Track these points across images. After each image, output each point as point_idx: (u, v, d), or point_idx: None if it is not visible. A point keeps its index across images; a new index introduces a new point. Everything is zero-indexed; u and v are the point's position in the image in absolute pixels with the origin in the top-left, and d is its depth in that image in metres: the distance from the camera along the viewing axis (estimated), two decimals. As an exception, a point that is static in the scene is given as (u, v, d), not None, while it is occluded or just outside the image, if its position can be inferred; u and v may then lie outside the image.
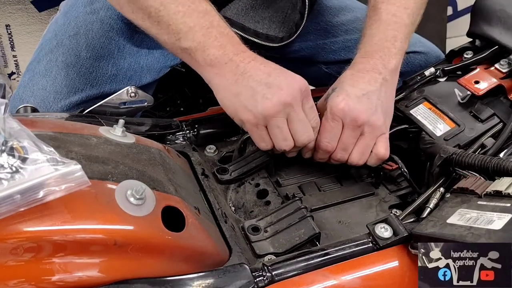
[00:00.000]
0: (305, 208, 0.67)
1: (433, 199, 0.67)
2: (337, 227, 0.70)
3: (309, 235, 0.64)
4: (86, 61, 0.95)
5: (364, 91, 0.72)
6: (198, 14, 0.68)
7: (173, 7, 0.68)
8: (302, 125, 0.69)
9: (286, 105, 0.67)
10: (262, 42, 0.98)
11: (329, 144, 0.73)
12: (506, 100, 0.80)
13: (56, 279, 0.48)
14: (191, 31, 0.68)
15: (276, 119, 0.68)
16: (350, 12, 1.12)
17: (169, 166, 0.64)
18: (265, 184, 0.76)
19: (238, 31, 0.97)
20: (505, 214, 0.55)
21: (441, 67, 0.86)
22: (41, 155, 0.46)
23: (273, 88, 0.67)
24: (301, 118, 0.69)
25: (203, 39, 0.68)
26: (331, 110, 0.71)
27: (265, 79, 0.67)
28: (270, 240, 0.65)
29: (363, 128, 0.71)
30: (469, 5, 0.91)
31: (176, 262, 0.54)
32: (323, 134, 0.73)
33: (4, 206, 0.43)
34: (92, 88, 0.95)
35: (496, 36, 0.82)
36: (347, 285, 0.58)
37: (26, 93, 0.93)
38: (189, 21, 0.68)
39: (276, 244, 0.64)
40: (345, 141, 0.72)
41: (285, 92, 0.67)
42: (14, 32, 1.78)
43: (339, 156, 0.74)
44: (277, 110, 0.67)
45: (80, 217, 0.48)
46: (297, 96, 0.68)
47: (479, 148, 0.74)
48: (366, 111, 0.71)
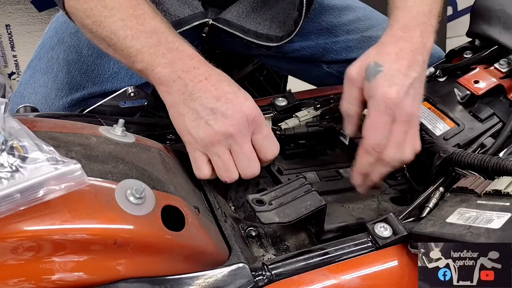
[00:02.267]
0: (310, 184, 0.66)
1: (433, 199, 0.67)
2: (340, 210, 0.69)
3: (315, 206, 0.63)
4: (87, 58, 0.95)
5: (411, 79, 0.66)
6: (145, 35, 0.67)
7: (121, 33, 0.67)
8: (245, 158, 0.65)
9: (227, 136, 0.63)
10: (262, 42, 0.97)
11: (383, 141, 0.65)
12: (506, 99, 0.80)
13: (55, 278, 0.48)
14: (140, 53, 0.67)
15: (216, 148, 0.64)
16: (351, 12, 1.12)
17: (169, 165, 0.64)
18: (265, 183, 0.76)
19: (238, 32, 0.97)
20: (504, 213, 0.55)
21: (440, 67, 0.86)
22: (41, 154, 0.46)
23: (217, 114, 0.63)
24: (244, 151, 0.65)
25: (151, 59, 0.66)
26: (382, 101, 0.64)
27: (212, 103, 0.64)
28: (275, 211, 0.63)
29: (411, 122, 0.66)
30: (469, 5, 0.91)
31: (176, 262, 0.54)
32: (375, 129, 0.65)
33: (4, 205, 0.43)
34: (94, 85, 0.95)
35: (495, 36, 0.82)
36: (346, 284, 0.58)
37: (27, 90, 0.94)
38: (137, 44, 0.67)
39: (281, 214, 0.62)
40: (398, 137, 0.66)
41: (228, 122, 0.63)
42: (14, 32, 1.78)
43: (392, 155, 0.66)
44: (218, 139, 0.64)
45: (80, 216, 0.48)
46: (242, 127, 0.64)
47: (478, 148, 0.74)
48: (414, 102, 0.66)
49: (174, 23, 0.89)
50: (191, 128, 0.65)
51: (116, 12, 0.68)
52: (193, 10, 0.92)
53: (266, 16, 0.99)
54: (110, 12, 0.68)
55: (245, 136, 0.64)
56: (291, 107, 0.84)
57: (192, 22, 0.91)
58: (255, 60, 1.29)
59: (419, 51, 0.69)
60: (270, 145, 0.67)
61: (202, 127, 0.64)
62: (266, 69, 1.34)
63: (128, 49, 0.67)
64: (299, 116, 0.82)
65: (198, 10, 0.93)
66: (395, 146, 0.66)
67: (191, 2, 0.93)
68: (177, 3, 0.92)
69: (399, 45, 0.69)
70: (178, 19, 0.90)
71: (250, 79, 1.32)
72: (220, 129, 0.63)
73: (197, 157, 0.66)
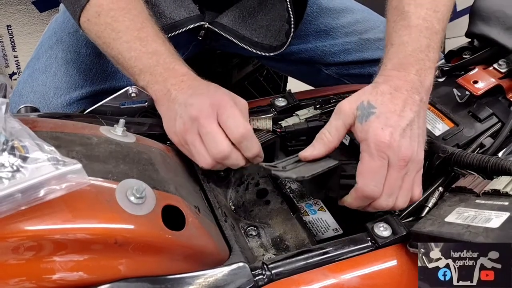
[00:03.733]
0: None
1: (432, 198, 0.67)
2: None
3: (330, 165, 0.63)
4: (86, 58, 0.96)
5: (407, 120, 0.62)
6: (147, 56, 0.73)
7: (127, 54, 0.74)
8: (210, 138, 0.66)
9: (193, 120, 0.66)
10: (256, 51, 0.97)
11: (376, 189, 0.61)
12: (505, 100, 0.80)
13: (56, 278, 0.48)
14: (142, 72, 0.73)
15: (188, 135, 0.67)
16: (350, 14, 1.11)
17: (169, 165, 0.65)
18: (265, 183, 0.76)
19: (233, 38, 0.97)
20: (502, 212, 0.55)
21: (439, 67, 0.86)
22: (42, 154, 0.47)
23: (187, 107, 0.68)
24: (209, 130, 0.66)
25: (150, 78, 0.73)
26: (375, 144, 0.60)
27: (185, 100, 0.68)
28: (291, 171, 0.61)
29: (408, 167, 0.61)
30: (468, 6, 0.91)
31: (176, 261, 0.54)
32: (368, 175, 0.61)
33: (5, 204, 0.43)
34: (92, 84, 0.95)
35: (494, 36, 0.82)
36: (346, 284, 0.58)
37: (25, 89, 0.94)
38: (139, 64, 0.74)
39: (297, 172, 0.61)
40: (392, 184, 0.61)
41: (194, 108, 0.67)
42: (15, 32, 1.78)
43: (384, 204, 0.62)
44: (187, 127, 0.67)
45: (81, 216, 0.48)
46: (205, 110, 0.66)
47: (477, 148, 0.74)
48: (412, 146, 0.61)
49: (169, 26, 0.90)
50: (172, 127, 0.69)
51: (123, 35, 0.75)
52: (189, 13, 0.93)
53: (262, 23, 0.98)
54: (117, 35, 0.75)
55: (209, 118, 0.66)
56: (291, 107, 0.84)
57: (188, 25, 0.92)
58: (255, 60, 1.29)
59: (415, 90, 0.64)
60: (236, 123, 0.66)
61: (178, 121, 0.68)
62: (266, 69, 1.34)
63: (132, 69, 0.74)
64: (300, 115, 0.82)
65: (194, 13, 0.93)
66: (388, 194, 0.62)
67: (188, 5, 0.93)
68: (173, 6, 0.92)
69: (393, 85, 0.64)
70: (174, 21, 0.91)
71: (250, 79, 1.33)
72: (187, 116, 0.67)
73: (185, 150, 0.70)
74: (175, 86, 0.71)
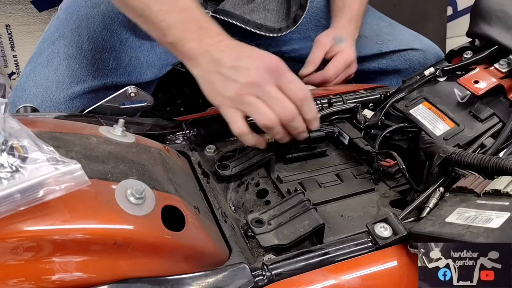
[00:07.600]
0: (308, 201, 0.67)
1: (433, 199, 0.67)
2: (339, 220, 0.70)
3: (313, 226, 0.64)
4: (88, 53, 0.96)
5: None
6: (178, 11, 0.72)
7: (155, 6, 0.73)
8: (275, 100, 0.69)
9: (252, 85, 0.68)
10: (263, 33, 1.00)
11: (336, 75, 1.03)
12: (506, 99, 0.80)
13: (56, 278, 0.48)
14: (171, 27, 0.72)
15: (245, 98, 0.68)
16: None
17: (169, 165, 0.64)
18: (265, 183, 0.76)
19: (239, 23, 0.98)
20: (503, 212, 0.55)
21: (440, 67, 0.86)
22: (41, 154, 0.46)
23: (240, 70, 0.68)
24: (273, 95, 0.69)
25: (181, 34, 0.72)
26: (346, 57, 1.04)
27: (235, 63, 0.69)
28: (274, 232, 0.65)
29: None
30: (469, 5, 0.91)
31: (176, 262, 0.54)
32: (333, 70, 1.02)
33: (4, 205, 0.43)
34: (94, 79, 0.96)
35: (495, 36, 0.82)
36: (346, 284, 0.58)
37: (28, 83, 0.94)
38: (169, 19, 0.72)
39: (280, 236, 0.64)
40: None
41: (251, 72, 0.68)
42: (14, 32, 1.78)
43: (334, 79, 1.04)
44: (245, 91, 0.68)
45: (80, 217, 0.48)
46: (264, 75, 0.68)
47: (478, 148, 0.74)
48: None
49: None
50: (220, 90, 0.70)
51: None
52: None
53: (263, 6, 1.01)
54: None
55: (269, 83, 0.69)
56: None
57: None
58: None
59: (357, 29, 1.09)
60: (297, 87, 0.71)
61: (230, 84, 0.69)
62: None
63: (160, 23, 0.72)
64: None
65: None
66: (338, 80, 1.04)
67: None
68: None
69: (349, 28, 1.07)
70: None
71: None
72: (245, 81, 0.68)
73: (231, 114, 0.70)
74: (213, 46, 0.70)
